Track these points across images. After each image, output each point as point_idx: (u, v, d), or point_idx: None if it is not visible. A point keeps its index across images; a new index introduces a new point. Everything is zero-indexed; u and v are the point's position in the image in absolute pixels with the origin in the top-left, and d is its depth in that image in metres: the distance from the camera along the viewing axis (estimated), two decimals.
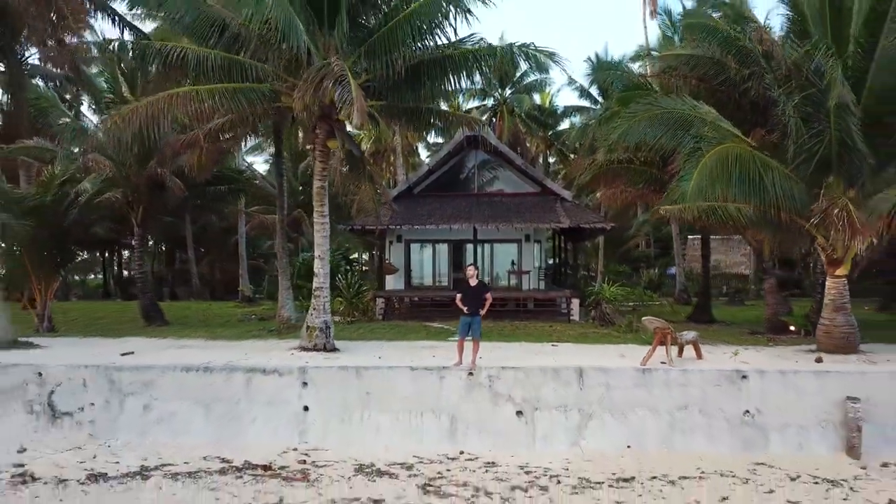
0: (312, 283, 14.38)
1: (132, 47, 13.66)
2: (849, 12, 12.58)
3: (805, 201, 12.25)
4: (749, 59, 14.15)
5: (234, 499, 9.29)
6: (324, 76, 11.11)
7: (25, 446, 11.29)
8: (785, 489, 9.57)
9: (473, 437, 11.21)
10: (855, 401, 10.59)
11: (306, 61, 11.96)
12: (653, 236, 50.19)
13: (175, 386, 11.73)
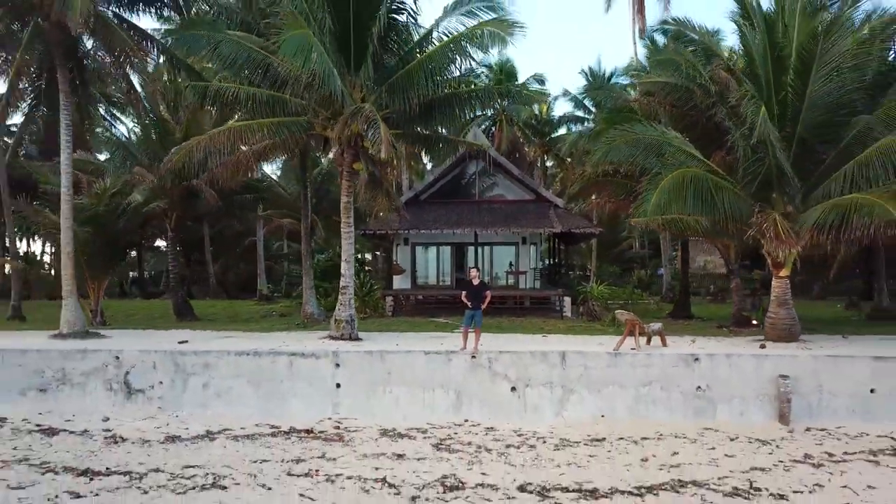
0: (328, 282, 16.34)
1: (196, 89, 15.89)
2: (787, 61, 14.77)
3: (749, 215, 14.50)
4: (709, 91, 16.41)
5: (286, 453, 11.56)
6: (358, 118, 13.45)
7: (108, 416, 13.64)
8: (724, 447, 11.83)
9: (476, 408, 13.51)
10: (786, 378, 12.82)
11: (339, 99, 14.20)
12: (646, 238, 52.21)
13: (230, 367, 14.00)
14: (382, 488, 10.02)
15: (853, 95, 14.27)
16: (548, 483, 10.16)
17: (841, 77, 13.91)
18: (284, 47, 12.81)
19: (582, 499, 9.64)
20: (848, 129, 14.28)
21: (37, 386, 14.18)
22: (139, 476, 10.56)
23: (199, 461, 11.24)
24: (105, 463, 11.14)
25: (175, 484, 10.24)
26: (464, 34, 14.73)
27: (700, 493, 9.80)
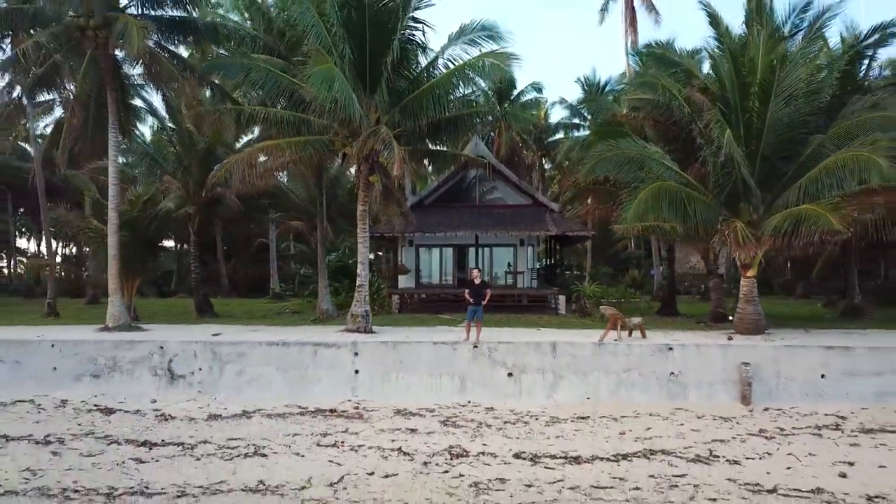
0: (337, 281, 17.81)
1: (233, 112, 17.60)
2: (750, 87, 16.40)
3: (718, 223, 16.21)
4: (684, 111, 18.11)
5: (314, 429, 13.27)
6: (374, 139, 15.19)
7: (155, 398, 15.36)
8: (691, 423, 13.52)
9: (477, 391, 15.20)
10: (747, 365, 14.52)
11: (358, 120, 15.89)
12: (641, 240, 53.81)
13: (261, 356, 15.71)
14: (398, 456, 11.73)
15: (808, 118, 16.02)
16: (538, 452, 11.87)
17: (796, 102, 15.64)
18: (312, 79, 14.52)
19: (567, 464, 11.36)
20: (805, 147, 16.00)
21: (91, 372, 15.91)
22: (191, 446, 12.29)
23: (240, 435, 12.97)
24: (159, 436, 12.86)
25: (222, 452, 11.96)
26: (467, 64, 16.53)
27: (667, 460, 11.51)
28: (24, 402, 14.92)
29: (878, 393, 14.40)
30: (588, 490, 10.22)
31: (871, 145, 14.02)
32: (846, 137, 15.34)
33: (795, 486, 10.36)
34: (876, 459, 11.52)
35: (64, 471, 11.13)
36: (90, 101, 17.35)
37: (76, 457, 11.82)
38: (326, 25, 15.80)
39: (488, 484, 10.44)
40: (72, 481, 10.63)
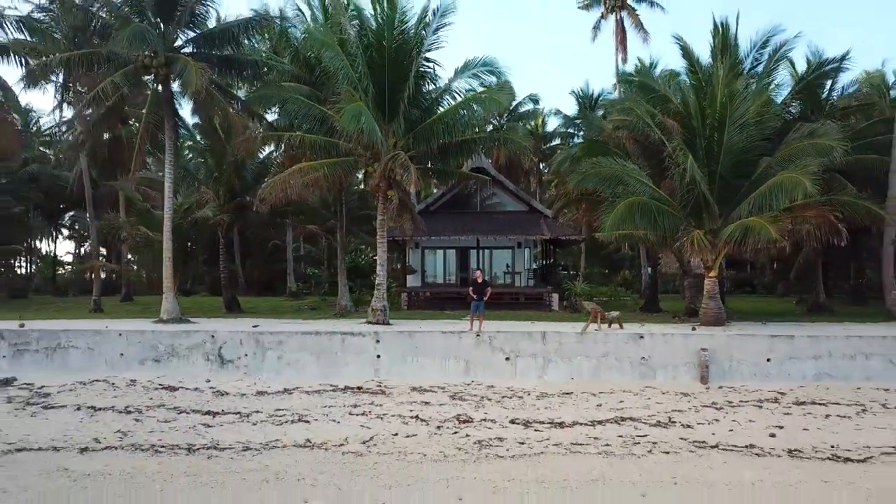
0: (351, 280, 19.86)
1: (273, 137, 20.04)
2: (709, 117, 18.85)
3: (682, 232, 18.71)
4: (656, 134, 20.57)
5: (345, 402, 15.71)
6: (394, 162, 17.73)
7: (209, 379, 17.85)
8: (657, 398, 15.92)
9: (480, 372, 17.64)
10: (705, 350, 16.99)
11: (379, 144, 18.39)
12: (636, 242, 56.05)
13: (297, 343, 18.18)
14: (416, 422, 14.21)
15: (759, 143, 18.50)
16: (530, 419, 14.35)
17: (748, 130, 18.13)
18: (344, 115, 17.01)
19: (552, 428, 13.83)
20: (756, 168, 18.47)
21: (152, 357, 18.39)
22: (246, 415, 14.78)
23: (285, 407, 15.44)
24: (219, 407, 15.34)
25: (272, 419, 14.45)
26: (470, 98, 19.06)
27: (634, 424, 13.98)
28: (100, 382, 17.42)
29: (815, 374, 16.86)
30: (568, 446, 12.70)
31: (802, 168, 16.54)
32: (789, 160, 17.80)
33: (734, 443, 12.83)
34: (801, 424, 14.00)
35: (148, 432, 13.62)
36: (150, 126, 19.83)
37: (154, 422, 14.32)
38: (352, 65, 18.35)
39: (489, 441, 12.92)
40: (157, 439, 13.13)
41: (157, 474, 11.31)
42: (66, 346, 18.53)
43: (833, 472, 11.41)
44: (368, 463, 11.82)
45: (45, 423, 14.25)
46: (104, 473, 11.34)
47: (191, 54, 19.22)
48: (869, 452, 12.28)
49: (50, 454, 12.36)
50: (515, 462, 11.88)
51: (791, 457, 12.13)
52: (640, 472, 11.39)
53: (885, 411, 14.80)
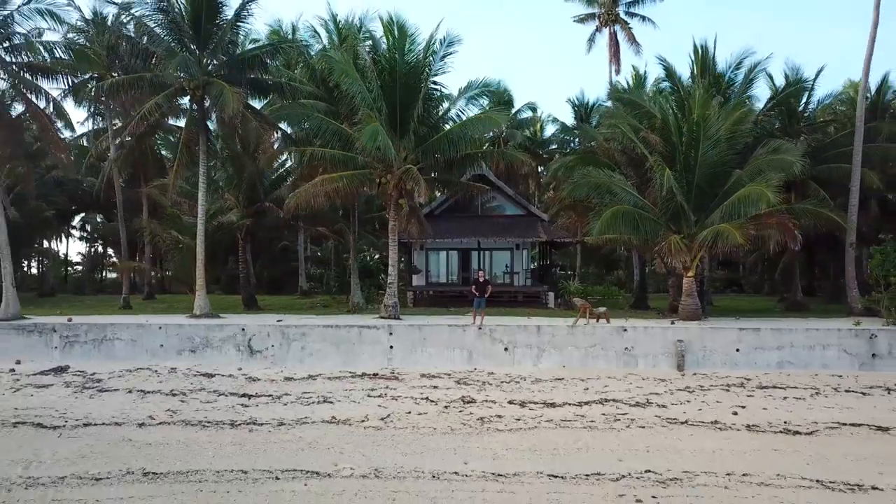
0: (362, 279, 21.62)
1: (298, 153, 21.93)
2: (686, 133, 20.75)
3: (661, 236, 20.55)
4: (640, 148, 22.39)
5: (363, 386, 17.55)
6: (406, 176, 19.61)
7: (241, 367, 19.67)
8: (638, 382, 17.69)
9: (481, 361, 19.43)
10: (681, 341, 18.82)
11: (392, 158, 20.23)
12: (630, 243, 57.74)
13: (319, 335, 20.00)
14: (426, 402, 15.99)
15: (729, 157, 20.33)
16: (525, 400, 16.14)
17: (719, 146, 19.97)
18: (364, 135, 18.86)
19: (545, 407, 15.62)
20: (728, 179, 20.29)
21: (189, 348, 20.21)
22: (277, 397, 16.58)
23: (311, 390, 17.23)
24: (252, 391, 17.13)
25: (300, 400, 16.24)
26: (472, 118, 20.94)
27: (616, 404, 15.78)
28: (144, 369, 19.25)
29: (779, 362, 18.67)
30: (558, 422, 14.50)
31: (766, 181, 18.35)
32: (756, 173, 19.62)
33: (700, 419, 14.63)
34: (761, 405, 15.81)
35: (194, 411, 15.43)
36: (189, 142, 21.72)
37: (198, 403, 16.12)
38: (368, 88, 20.23)
39: (490, 418, 14.72)
40: (202, 417, 14.93)
41: (207, 444, 13.13)
42: (111, 338, 20.37)
43: (783, 443, 13.22)
44: (387, 435, 13.63)
45: (102, 404, 16.08)
46: (162, 443, 13.15)
47: (223, 77, 21.10)
48: (816, 427, 14.10)
49: (113, 428, 14.17)
50: (512, 434, 13.69)
51: (749, 430, 13.93)
52: (618, 442, 13.19)
53: (836, 394, 16.62)
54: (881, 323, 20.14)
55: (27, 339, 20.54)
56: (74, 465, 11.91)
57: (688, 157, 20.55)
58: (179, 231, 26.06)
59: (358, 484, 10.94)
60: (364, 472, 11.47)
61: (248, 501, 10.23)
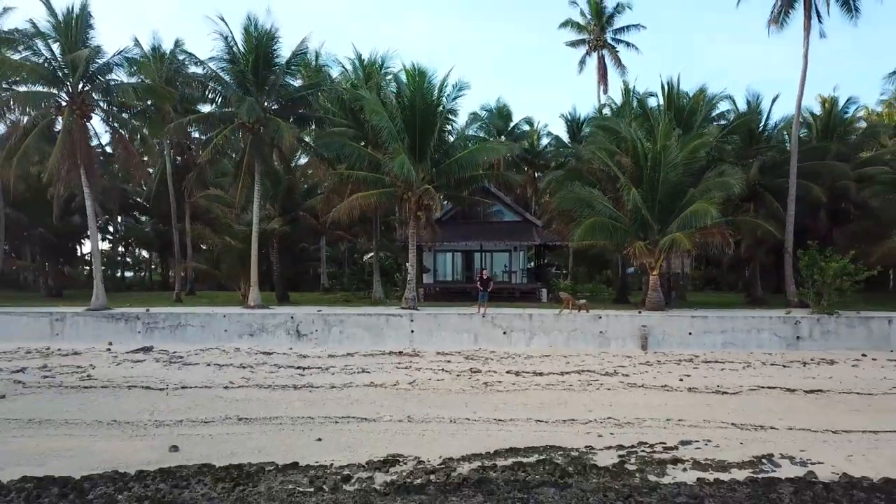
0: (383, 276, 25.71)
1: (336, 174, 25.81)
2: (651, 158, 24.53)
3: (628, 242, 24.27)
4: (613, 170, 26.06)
5: (391, 361, 21.28)
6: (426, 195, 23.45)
7: (291, 347, 23.41)
8: (609, 359, 21.34)
9: (485, 342, 23.00)
10: (645, 326, 22.53)
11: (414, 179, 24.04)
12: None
13: (354, 322, 23.66)
14: (443, 372, 19.60)
15: (685, 179, 24.00)
16: (520, 370, 19.76)
17: (677, 169, 23.67)
18: (395, 164, 22.71)
19: (535, 375, 19.18)
20: (685, 196, 23.96)
21: (248, 332, 23.92)
22: (325, 368, 20.23)
23: (351, 364, 20.88)
24: (305, 364, 20.84)
25: (343, 371, 19.86)
26: (477, 148, 24.72)
27: (590, 374, 19.38)
28: (214, 349, 22.97)
29: (723, 343, 22.31)
30: (545, 386, 18.11)
31: (711, 199, 22.06)
32: (705, 191, 23.30)
33: (654, 384, 18.22)
34: (703, 374, 19.43)
35: (262, 379, 19.08)
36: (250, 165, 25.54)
37: (264, 373, 19.81)
38: (393, 122, 24.05)
39: (492, 383, 18.33)
40: (270, 382, 18.64)
41: (280, 400, 16.76)
42: (184, 324, 24.11)
43: (713, 400, 16.78)
44: (414, 395, 17.27)
45: (190, 373, 19.77)
46: (245, 400, 16.76)
47: (276, 112, 24.87)
48: (740, 389, 17.69)
49: (204, 389, 17.81)
50: (509, 394, 17.31)
51: (689, 392, 17.54)
52: (589, 399, 16.77)
53: (763, 367, 20.28)
54: (808, 312, 23.85)
55: (116, 325, 24.30)
56: (185, 413, 15.51)
57: (652, 177, 24.23)
58: (231, 236, 29.82)
59: (396, 426, 14.50)
60: (399, 418, 15.05)
61: (318, 434, 13.77)
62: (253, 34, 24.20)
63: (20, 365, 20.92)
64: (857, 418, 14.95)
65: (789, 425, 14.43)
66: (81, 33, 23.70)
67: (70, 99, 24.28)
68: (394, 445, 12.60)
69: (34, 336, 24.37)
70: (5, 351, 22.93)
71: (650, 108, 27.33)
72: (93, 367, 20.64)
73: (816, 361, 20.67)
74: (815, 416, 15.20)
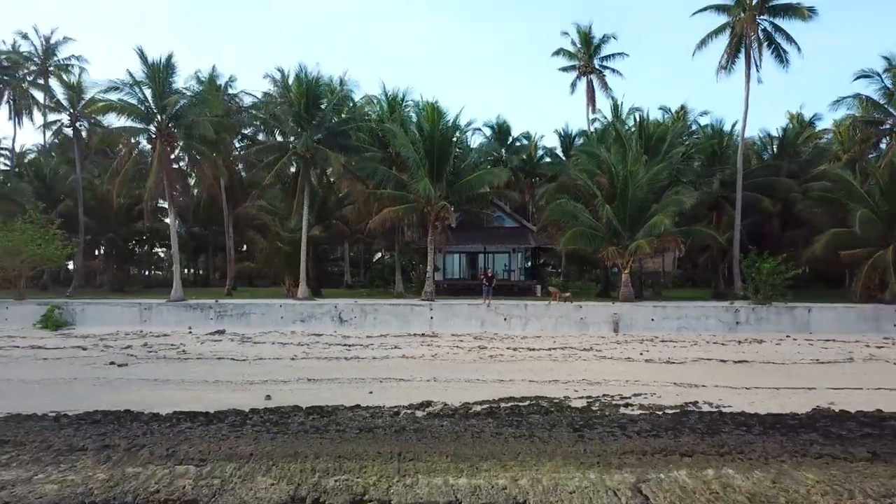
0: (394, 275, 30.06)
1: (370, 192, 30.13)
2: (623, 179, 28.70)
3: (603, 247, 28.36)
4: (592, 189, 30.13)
5: (416, 341, 25.38)
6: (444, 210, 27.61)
7: (335, 331, 27.55)
8: (587, 338, 25.46)
9: (490, 327, 26.88)
10: (616, 314, 26.54)
11: (433, 196, 28.17)
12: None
13: (386, 310, 27.67)
14: (457, 349, 23.71)
15: (650, 196, 28.05)
16: (517, 346, 23.66)
17: (643, 189, 27.73)
18: (420, 187, 26.85)
19: (528, 351, 23.18)
20: (649, 210, 28.01)
21: (300, 319, 27.97)
22: (366, 346, 24.26)
23: (384, 342, 24.96)
24: (349, 343, 24.95)
25: (381, 347, 23.93)
26: (483, 173, 28.86)
27: (571, 349, 23.34)
28: (273, 332, 27.03)
29: (678, 327, 26.23)
30: (536, 358, 22.07)
31: (667, 213, 26.15)
32: (664, 206, 27.34)
33: (619, 357, 22.31)
34: (659, 350, 23.38)
35: (317, 353, 23.15)
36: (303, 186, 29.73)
37: (318, 349, 23.89)
38: (416, 152, 28.24)
39: (495, 356, 22.29)
40: (325, 355, 22.77)
41: (335, 367, 20.76)
42: (248, 312, 28.23)
43: (664, 368, 20.64)
44: (437, 364, 21.28)
45: (260, 349, 23.86)
46: (307, 367, 20.79)
47: (322, 142, 29.13)
48: (685, 360, 21.56)
49: (275, 360, 21.84)
50: (509, 363, 21.29)
51: (646, 362, 21.52)
52: (570, 367, 20.72)
53: (707, 345, 24.26)
54: (748, 303, 27.92)
55: (193, 313, 28.45)
56: (266, 376, 19.46)
57: (623, 195, 28.26)
58: (280, 241, 34.04)
59: (425, 384, 18.42)
60: (427, 378, 19.01)
61: (368, 389, 17.63)
62: (303, 81, 28.44)
63: (126, 343, 25.09)
64: (767, 380, 18.86)
65: (716, 384, 18.30)
66: (167, 80, 27.91)
67: (159, 132, 28.52)
68: (425, 396, 16.46)
69: (127, 322, 28.51)
70: (108, 333, 27.10)
71: (624, 132, 31.44)
72: (183, 346, 24.75)
73: (749, 341, 24.70)
74: (737, 379, 19.09)
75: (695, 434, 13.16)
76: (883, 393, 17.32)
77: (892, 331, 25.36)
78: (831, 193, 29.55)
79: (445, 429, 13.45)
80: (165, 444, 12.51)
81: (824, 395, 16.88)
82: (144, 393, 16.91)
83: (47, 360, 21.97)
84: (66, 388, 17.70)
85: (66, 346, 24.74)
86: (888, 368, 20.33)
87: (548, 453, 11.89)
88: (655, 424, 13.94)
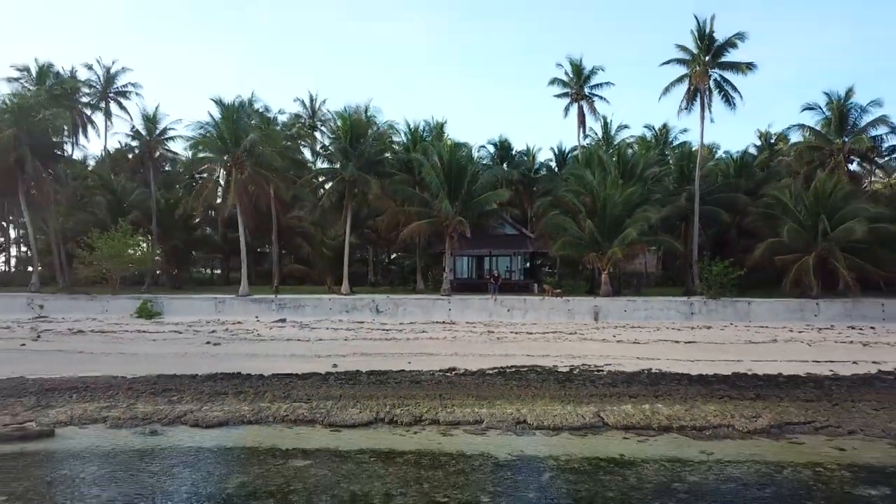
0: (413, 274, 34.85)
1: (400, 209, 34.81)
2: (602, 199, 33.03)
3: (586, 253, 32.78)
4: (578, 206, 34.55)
5: (438, 327, 29.85)
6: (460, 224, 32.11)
7: (373, 319, 32.05)
8: (574, 325, 29.76)
9: (496, 317, 30.95)
10: (597, 306, 30.80)
11: (450, 213, 32.67)
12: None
13: (413, 303, 31.97)
14: (471, 333, 28.05)
15: (625, 212, 32.38)
16: (518, 331, 27.97)
17: (617, 206, 32.11)
18: (442, 206, 31.40)
19: (527, 334, 27.73)
20: (623, 223, 32.34)
21: (345, 310, 32.28)
22: (400, 330, 28.71)
23: (413, 328, 29.42)
24: (387, 328, 29.38)
25: (412, 332, 28.40)
26: (490, 194, 33.39)
27: (560, 333, 27.63)
28: (325, 320, 31.36)
29: (645, 317, 30.41)
30: (533, 338, 26.43)
31: (636, 225, 30.56)
32: (636, 221, 31.70)
33: (597, 339, 26.65)
34: (629, 334, 27.50)
35: (364, 335, 27.64)
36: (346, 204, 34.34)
37: (364, 332, 28.27)
38: (438, 177, 32.79)
39: (501, 337, 26.72)
40: (371, 337, 27.20)
41: (379, 345, 25.18)
42: (303, 305, 32.70)
43: (631, 347, 24.79)
44: (455, 344, 25.49)
45: (318, 333, 28.27)
46: (358, 345, 25.33)
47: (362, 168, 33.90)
48: (648, 341, 25.73)
49: (331, 341, 26.30)
50: (511, 343, 25.55)
51: (618, 343, 25.78)
52: (559, 346, 24.91)
53: (667, 331, 28.46)
54: (702, 298, 32.30)
55: (258, 306, 32.96)
56: (328, 351, 23.76)
57: (603, 212, 32.65)
58: (325, 247, 38.68)
59: (449, 357, 22.58)
60: (450, 353, 23.22)
61: (407, 360, 21.78)
62: (346, 119, 33.15)
63: (210, 328, 29.59)
64: (708, 355, 22.97)
65: (668, 358, 22.60)
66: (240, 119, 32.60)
67: (233, 161, 33.21)
68: (450, 365, 20.80)
69: (205, 313, 32.94)
70: (193, 321, 31.53)
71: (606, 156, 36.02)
72: (256, 330, 29.18)
73: (700, 327, 29.01)
74: (685, 354, 23.17)
75: (641, 385, 17.58)
76: (791, 363, 21.59)
77: (813, 319, 29.71)
78: (771, 209, 33.80)
79: (469, 381, 17.93)
80: (281, 390, 17.01)
81: (747, 365, 21.05)
82: (241, 362, 21.19)
83: (156, 341, 26.37)
84: (184, 360, 21.94)
85: (164, 331, 29.13)
86: (801, 347, 24.58)
87: (540, 395, 16.32)
88: (615, 380, 18.34)
